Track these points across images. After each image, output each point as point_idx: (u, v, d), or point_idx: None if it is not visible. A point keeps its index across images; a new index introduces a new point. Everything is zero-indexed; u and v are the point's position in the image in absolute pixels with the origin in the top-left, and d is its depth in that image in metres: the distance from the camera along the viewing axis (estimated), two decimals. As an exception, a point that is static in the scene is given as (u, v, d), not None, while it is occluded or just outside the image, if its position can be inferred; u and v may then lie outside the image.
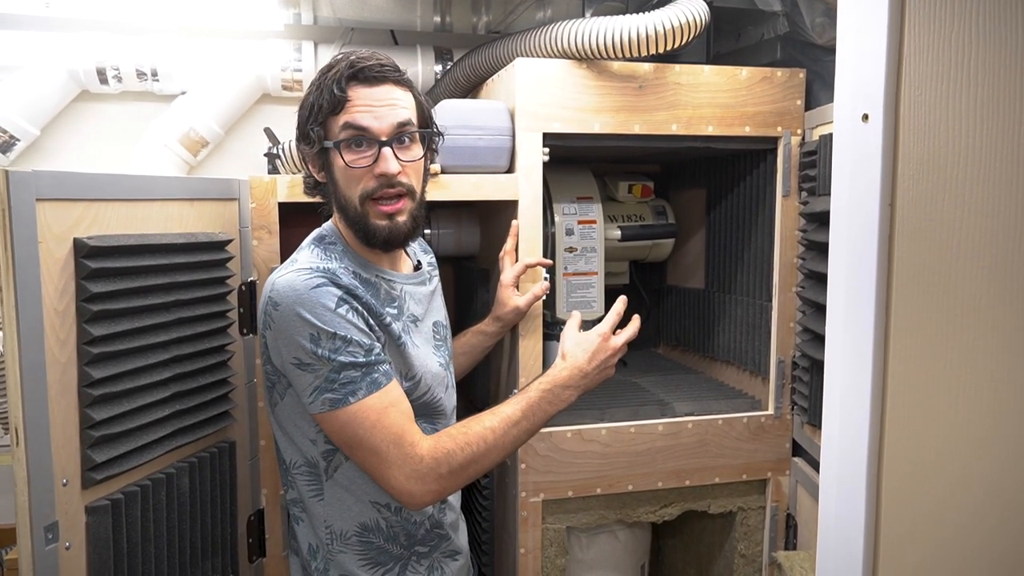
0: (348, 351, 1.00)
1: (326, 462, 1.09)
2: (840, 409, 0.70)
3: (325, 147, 1.08)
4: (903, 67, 0.59)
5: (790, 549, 1.59)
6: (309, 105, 1.09)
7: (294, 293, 1.00)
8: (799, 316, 1.51)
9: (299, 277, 1.02)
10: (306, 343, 0.99)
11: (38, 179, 0.91)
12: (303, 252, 1.11)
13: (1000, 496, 0.64)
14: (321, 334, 0.99)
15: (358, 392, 1.00)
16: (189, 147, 1.82)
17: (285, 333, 1.00)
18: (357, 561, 1.12)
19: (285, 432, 1.11)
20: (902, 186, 0.59)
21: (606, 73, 1.41)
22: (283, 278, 1.02)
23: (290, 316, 1.00)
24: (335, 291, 1.02)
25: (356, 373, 1.01)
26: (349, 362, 1.00)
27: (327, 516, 1.11)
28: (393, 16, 1.83)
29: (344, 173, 1.08)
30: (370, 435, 1.01)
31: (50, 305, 0.94)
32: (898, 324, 0.62)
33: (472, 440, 1.06)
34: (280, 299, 1.00)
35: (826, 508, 0.73)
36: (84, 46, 1.73)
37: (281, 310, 1.00)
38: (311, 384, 1.01)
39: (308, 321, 0.99)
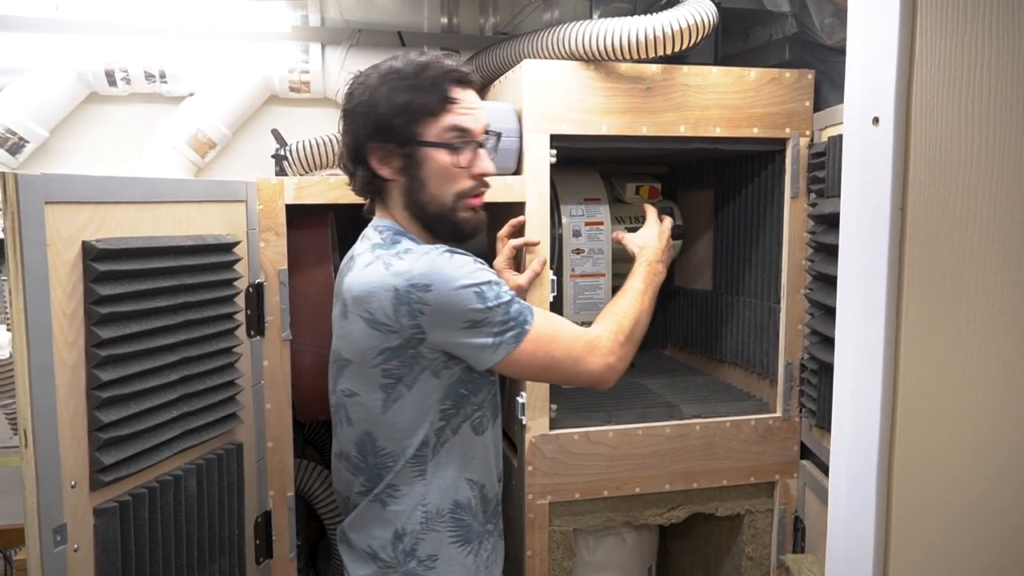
0: (504, 291, 1.08)
1: (436, 438, 1.13)
2: (850, 412, 0.69)
3: (420, 146, 1.10)
4: (914, 70, 0.58)
5: (798, 552, 1.59)
6: (402, 105, 1.09)
7: (439, 269, 1.04)
8: (807, 318, 1.50)
9: (427, 256, 1.05)
10: (475, 303, 1.04)
11: (47, 182, 0.91)
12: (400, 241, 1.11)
13: (1012, 500, 0.63)
14: (482, 286, 1.05)
15: (528, 318, 1.09)
16: (197, 149, 1.82)
17: (447, 306, 1.03)
18: (448, 538, 1.16)
19: (403, 424, 1.12)
20: (913, 190, 0.59)
21: (614, 74, 1.40)
22: (408, 266, 1.04)
23: (447, 289, 1.03)
24: (464, 255, 1.08)
25: (518, 305, 1.09)
26: (510, 298, 1.08)
27: (426, 495, 1.14)
28: (400, 17, 1.83)
29: (442, 172, 1.12)
30: (558, 345, 1.11)
31: (59, 308, 0.94)
32: (909, 328, 0.62)
33: (626, 310, 1.21)
34: (428, 280, 1.03)
35: (835, 512, 0.72)
36: (93, 48, 1.74)
37: (436, 289, 1.03)
38: (490, 334, 1.06)
39: (466, 284, 1.04)
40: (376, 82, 1.10)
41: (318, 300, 1.43)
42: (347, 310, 1.09)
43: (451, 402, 1.13)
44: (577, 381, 1.16)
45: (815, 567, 1.45)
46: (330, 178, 1.39)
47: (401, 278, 1.04)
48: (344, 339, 1.12)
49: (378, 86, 1.10)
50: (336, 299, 1.15)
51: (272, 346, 1.36)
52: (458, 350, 1.08)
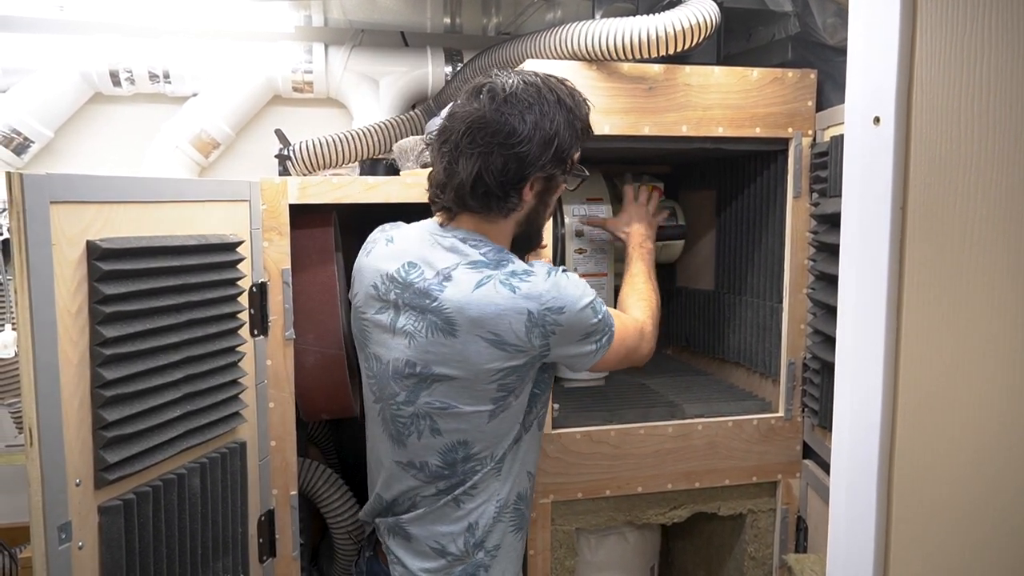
0: (599, 299, 1.16)
1: (519, 434, 1.19)
2: (851, 412, 0.70)
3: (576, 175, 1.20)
4: (915, 70, 0.58)
5: (800, 552, 1.59)
6: (571, 135, 1.13)
7: (564, 291, 1.10)
8: (810, 318, 1.50)
9: (552, 279, 1.10)
10: (592, 319, 1.12)
11: (52, 182, 0.92)
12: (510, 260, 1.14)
13: (1013, 500, 0.63)
14: (594, 302, 1.13)
15: (611, 320, 1.17)
16: (200, 148, 1.83)
17: (576, 325, 1.11)
18: (509, 528, 1.21)
19: (503, 431, 1.16)
20: (914, 190, 0.59)
21: (616, 74, 1.40)
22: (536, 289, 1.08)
23: (576, 310, 1.10)
24: (570, 272, 1.15)
25: (605, 307, 1.17)
26: (604, 305, 1.17)
27: (500, 490, 1.18)
28: (403, 18, 1.84)
29: (558, 194, 1.20)
30: (628, 338, 1.21)
31: (63, 307, 0.95)
32: (909, 328, 0.62)
33: (647, 293, 1.34)
34: (559, 303, 1.09)
35: (836, 511, 0.72)
36: (97, 49, 1.75)
37: (567, 311, 1.09)
38: (595, 341, 1.14)
39: (586, 304, 1.11)
40: (551, 113, 1.10)
41: (321, 299, 1.43)
42: (456, 329, 1.07)
43: (530, 401, 1.18)
44: (630, 364, 1.27)
45: (817, 567, 1.45)
46: (333, 178, 1.39)
47: (534, 302, 1.08)
48: (446, 356, 1.09)
49: (556, 118, 1.10)
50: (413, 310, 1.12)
51: (275, 345, 1.36)
52: (565, 359, 1.16)
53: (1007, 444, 0.63)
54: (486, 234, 1.15)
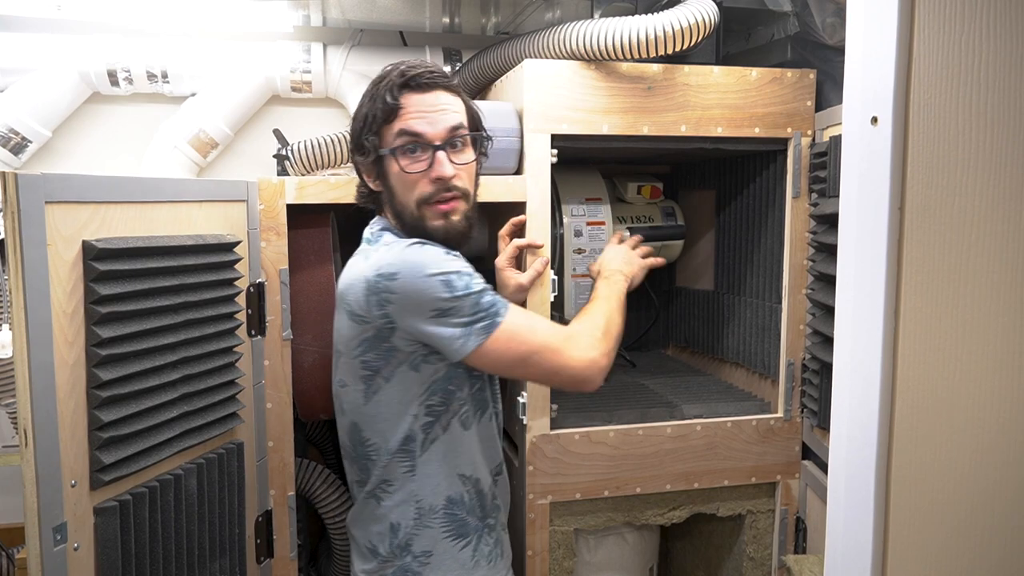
0: (476, 282, 1.07)
1: (424, 435, 1.13)
2: (848, 412, 0.69)
3: (381, 155, 1.12)
4: (912, 70, 0.58)
5: (800, 552, 1.58)
6: (363, 116, 1.13)
7: (408, 258, 1.05)
8: (809, 318, 1.50)
9: (397, 246, 1.06)
10: (442, 291, 1.04)
11: (47, 182, 0.92)
12: (383, 236, 1.14)
13: (1012, 500, 0.63)
14: (450, 275, 1.04)
15: (501, 311, 1.07)
16: (199, 148, 1.82)
17: (414, 295, 1.04)
18: (441, 534, 1.16)
19: (384, 418, 1.14)
20: (911, 189, 0.58)
21: (615, 74, 1.40)
22: (379, 257, 1.06)
23: (415, 277, 1.03)
24: (436, 247, 1.08)
25: (491, 297, 1.07)
26: (482, 289, 1.07)
27: (418, 491, 1.15)
28: (402, 17, 1.83)
29: (400, 179, 1.12)
30: (532, 337, 1.09)
31: (59, 307, 0.95)
32: (907, 328, 0.62)
33: (595, 311, 1.21)
34: (394, 269, 1.04)
35: (834, 512, 0.72)
36: (95, 48, 1.74)
37: (402, 277, 1.04)
38: (458, 324, 1.05)
39: (434, 272, 1.04)
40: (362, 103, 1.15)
41: (319, 300, 1.43)
42: (338, 304, 1.15)
43: (439, 398, 1.13)
44: (559, 377, 1.13)
45: (816, 567, 1.44)
46: (331, 178, 1.39)
47: (372, 269, 1.06)
48: (336, 332, 1.16)
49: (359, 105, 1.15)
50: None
51: (273, 346, 1.36)
52: (430, 340, 1.08)
53: (1006, 445, 0.62)
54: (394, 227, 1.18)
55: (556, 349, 1.10)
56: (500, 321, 1.07)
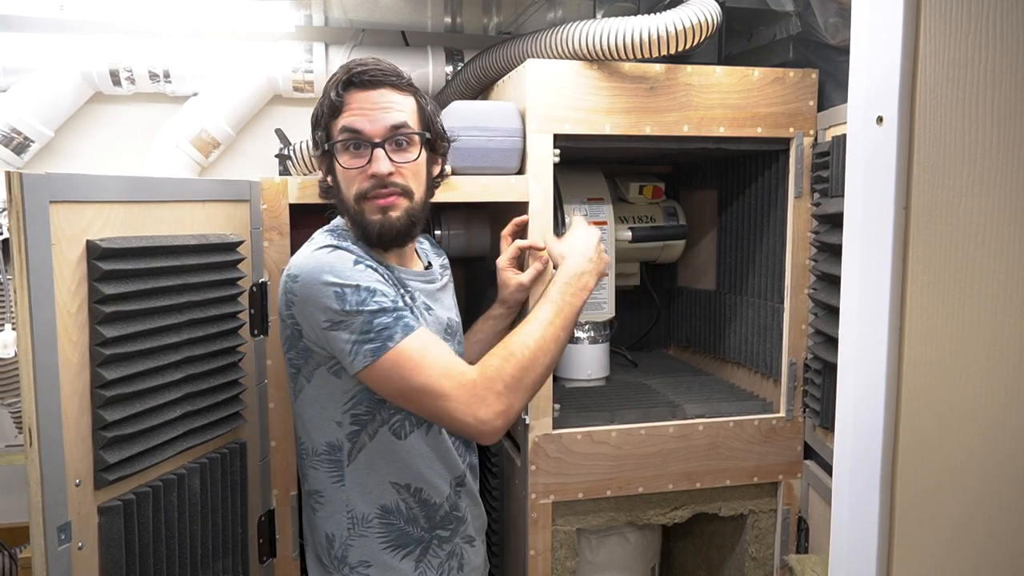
0: (375, 300, 1.02)
1: (351, 443, 1.11)
2: (853, 412, 0.69)
3: (327, 150, 1.14)
4: (919, 69, 0.58)
5: (802, 552, 1.58)
6: (315, 112, 1.16)
7: (312, 262, 1.04)
8: (811, 318, 1.50)
9: (314, 251, 1.07)
10: (333, 303, 1.01)
11: (51, 181, 0.92)
12: (315, 239, 1.14)
13: (1017, 501, 0.63)
14: (345, 289, 1.02)
15: (395, 336, 1.02)
16: (201, 148, 1.82)
17: (310, 300, 1.03)
18: (379, 544, 1.14)
19: (309, 419, 1.14)
20: (917, 190, 0.58)
21: (617, 74, 1.40)
22: (296, 256, 1.09)
23: (312, 283, 1.03)
24: (350, 254, 1.06)
25: (388, 319, 1.02)
26: (378, 309, 1.02)
27: (348, 500, 1.13)
28: (404, 17, 1.83)
29: (342, 174, 1.13)
30: (418, 374, 1.01)
31: (63, 307, 0.95)
32: (913, 328, 0.62)
33: (515, 350, 1.07)
34: (299, 271, 1.05)
35: (839, 512, 0.72)
36: (98, 48, 1.74)
37: (302, 280, 1.04)
38: (348, 341, 1.02)
39: (330, 281, 1.02)
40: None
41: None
42: None
43: (364, 408, 1.11)
44: (444, 424, 1.08)
45: (819, 567, 1.44)
46: (334, 178, 1.39)
47: (288, 267, 1.09)
48: None
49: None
50: None
51: (276, 345, 1.36)
52: (329, 348, 1.06)
53: (1011, 444, 0.62)
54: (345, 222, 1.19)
55: (443, 395, 1.01)
56: (391, 347, 1.01)
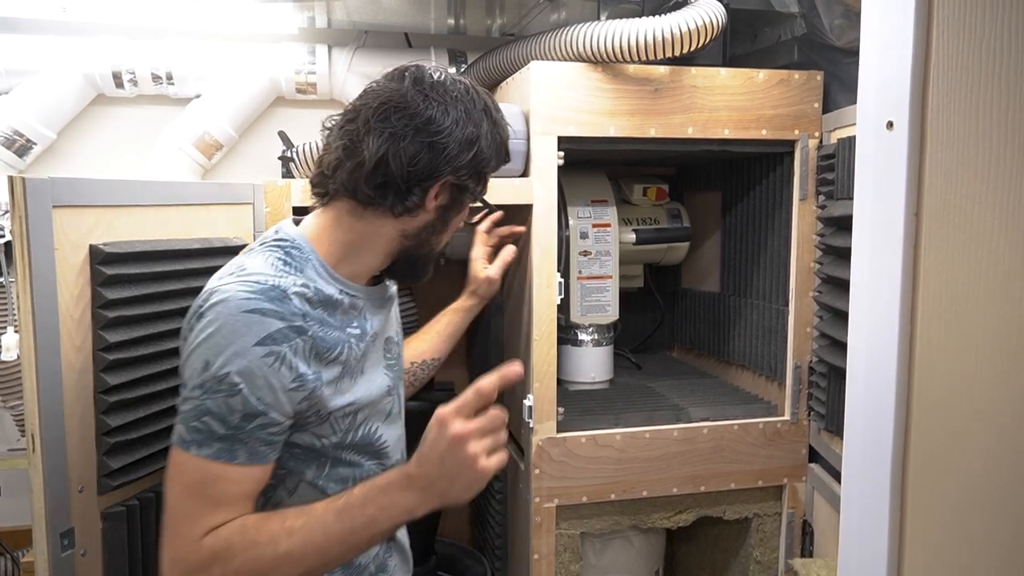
0: (227, 403, 0.84)
1: (265, 498, 0.95)
2: (863, 420, 0.69)
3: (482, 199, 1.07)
4: (930, 74, 0.57)
5: (806, 556, 1.58)
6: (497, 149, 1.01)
7: (224, 309, 0.85)
8: (816, 321, 1.49)
9: (241, 291, 0.87)
10: (195, 364, 0.85)
11: (54, 186, 0.91)
12: (256, 258, 0.94)
13: None
14: (212, 364, 0.84)
15: (204, 448, 0.84)
16: (203, 150, 1.82)
17: (190, 347, 0.87)
18: None
19: None
20: (929, 195, 0.58)
21: (621, 76, 1.40)
22: (226, 285, 0.88)
23: (202, 331, 0.86)
24: (270, 324, 0.86)
25: (219, 429, 0.85)
26: (218, 414, 0.84)
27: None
28: (407, 19, 1.83)
29: (460, 222, 1.06)
30: (179, 495, 0.86)
31: (66, 312, 0.94)
32: (923, 336, 0.61)
33: (261, 539, 0.86)
34: (207, 310, 0.86)
35: (848, 517, 0.71)
36: (100, 50, 1.74)
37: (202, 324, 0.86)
38: (181, 408, 0.87)
39: (212, 347, 0.85)
40: (477, 116, 0.98)
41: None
42: None
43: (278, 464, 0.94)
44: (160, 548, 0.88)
45: (824, 571, 1.44)
46: (337, 180, 1.38)
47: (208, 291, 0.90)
48: None
49: (482, 119, 0.98)
50: None
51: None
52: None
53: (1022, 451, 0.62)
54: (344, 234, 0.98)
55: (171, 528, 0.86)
56: (182, 449, 0.85)
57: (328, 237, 0.99)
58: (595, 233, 1.65)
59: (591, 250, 1.65)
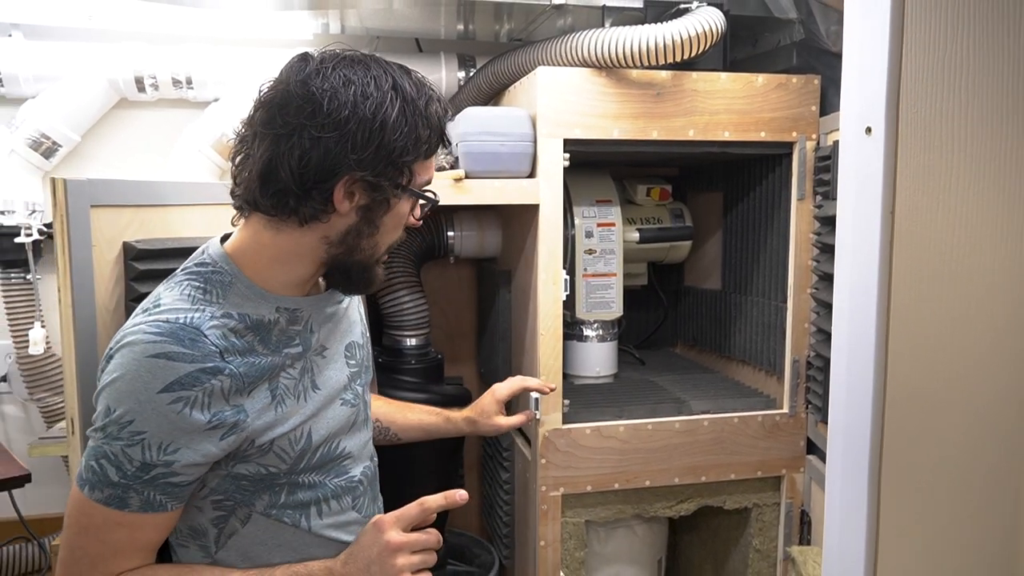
0: (127, 451, 0.83)
1: (216, 530, 0.94)
2: (845, 404, 0.74)
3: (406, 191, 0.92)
4: (902, 85, 0.63)
5: (804, 544, 1.62)
6: (414, 140, 0.89)
7: (130, 354, 0.83)
8: (813, 317, 1.54)
9: (148, 334, 0.83)
10: (100, 407, 0.84)
11: (92, 187, 0.98)
12: (171, 291, 0.89)
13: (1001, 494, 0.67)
14: (114, 410, 0.83)
15: (96, 491, 0.84)
16: (222, 152, 1.88)
17: (99, 387, 0.85)
18: None
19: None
20: (901, 196, 0.63)
21: (625, 81, 1.45)
22: (136, 327, 0.85)
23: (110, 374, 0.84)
24: (178, 368, 0.83)
25: (113, 476, 0.83)
26: (115, 461, 0.83)
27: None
28: (418, 25, 1.89)
29: (398, 221, 0.95)
30: (77, 535, 0.86)
31: (102, 304, 1.01)
32: (897, 324, 0.66)
33: None
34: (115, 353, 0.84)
35: (831, 504, 0.77)
36: (124, 56, 1.81)
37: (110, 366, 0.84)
38: (88, 444, 0.86)
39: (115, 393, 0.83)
40: (379, 97, 0.86)
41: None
42: None
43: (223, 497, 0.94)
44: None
45: (820, 558, 1.48)
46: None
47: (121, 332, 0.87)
48: None
49: (384, 103, 0.85)
50: None
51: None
52: None
53: (990, 435, 0.66)
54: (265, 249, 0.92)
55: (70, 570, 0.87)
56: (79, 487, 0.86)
57: (252, 253, 0.93)
58: (600, 232, 1.70)
59: (596, 248, 1.70)
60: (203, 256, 0.94)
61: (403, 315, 1.69)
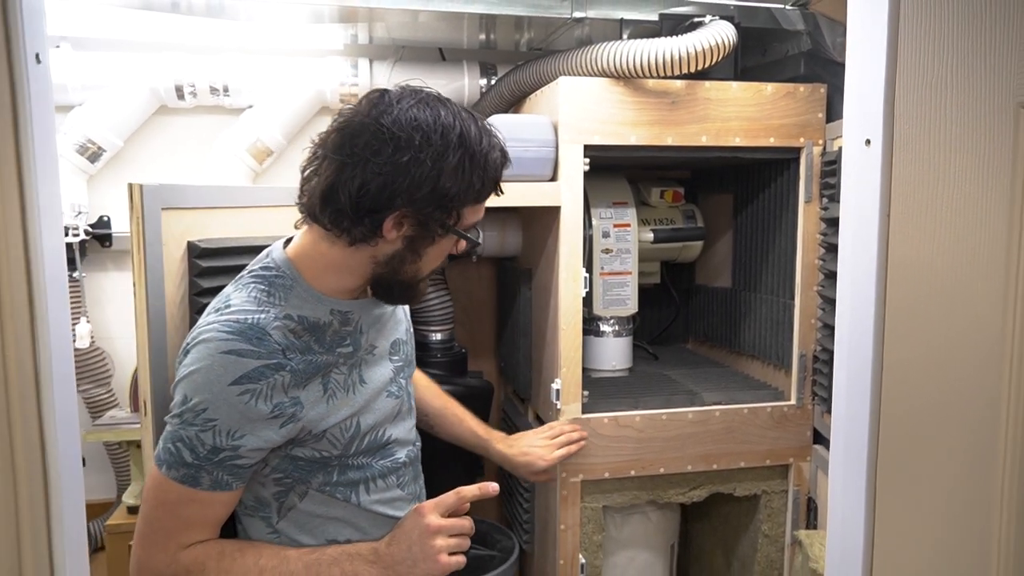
0: (200, 435, 0.92)
1: (278, 503, 1.04)
2: (846, 393, 0.82)
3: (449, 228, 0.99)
4: (896, 103, 0.72)
5: (811, 529, 1.70)
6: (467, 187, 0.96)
7: (205, 350, 0.92)
8: (819, 313, 1.62)
9: (221, 332, 0.93)
10: (177, 396, 0.94)
11: (163, 191, 1.07)
12: (239, 292, 0.99)
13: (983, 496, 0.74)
14: (191, 400, 0.92)
15: (172, 471, 0.94)
16: (255, 156, 1.98)
17: (177, 377, 0.95)
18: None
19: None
20: (895, 201, 0.72)
21: (641, 90, 1.53)
22: (209, 325, 0.95)
23: (187, 367, 0.93)
24: (247, 364, 0.92)
25: (188, 457, 0.93)
26: (189, 444, 0.93)
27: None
28: (442, 35, 1.98)
29: (442, 253, 1.04)
30: (155, 508, 0.96)
31: (170, 298, 1.10)
32: (892, 317, 0.75)
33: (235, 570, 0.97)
34: (192, 348, 0.94)
35: (834, 490, 0.85)
36: (165, 66, 1.91)
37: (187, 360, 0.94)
38: (165, 428, 0.96)
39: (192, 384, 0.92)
40: (442, 145, 0.93)
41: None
42: None
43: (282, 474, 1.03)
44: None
45: (825, 541, 1.56)
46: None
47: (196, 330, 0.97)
48: None
49: (446, 151, 0.93)
50: None
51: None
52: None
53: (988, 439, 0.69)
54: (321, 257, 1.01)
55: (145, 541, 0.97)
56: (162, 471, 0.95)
57: (310, 260, 1.01)
58: (616, 232, 1.78)
59: (612, 248, 1.78)
60: (267, 260, 1.03)
61: (430, 311, 1.78)
